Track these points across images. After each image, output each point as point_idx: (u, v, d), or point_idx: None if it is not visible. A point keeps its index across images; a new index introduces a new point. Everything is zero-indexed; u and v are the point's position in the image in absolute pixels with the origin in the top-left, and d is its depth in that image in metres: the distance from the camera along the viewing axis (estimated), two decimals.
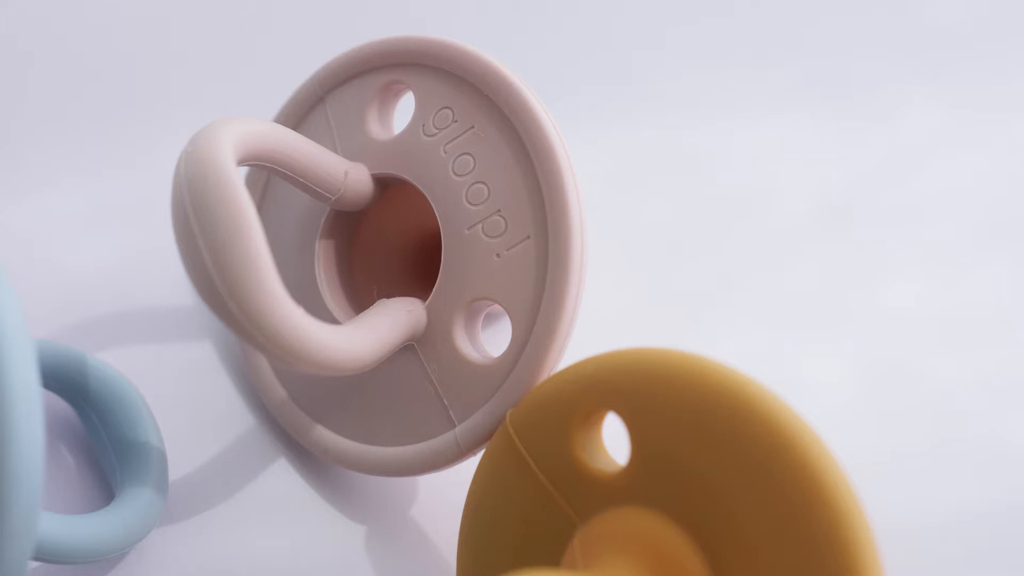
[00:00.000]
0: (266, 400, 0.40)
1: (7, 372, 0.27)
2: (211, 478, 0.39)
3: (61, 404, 0.39)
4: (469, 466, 0.36)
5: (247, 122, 0.33)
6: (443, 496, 0.39)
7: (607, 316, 0.43)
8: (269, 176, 0.40)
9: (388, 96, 0.39)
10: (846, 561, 0.27)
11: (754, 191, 0.49)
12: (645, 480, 0.30)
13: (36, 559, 0.32)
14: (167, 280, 0.43)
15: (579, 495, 0.31)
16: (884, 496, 0.42)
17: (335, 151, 0.38)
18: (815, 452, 0.28)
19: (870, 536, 0.27)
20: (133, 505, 0.35)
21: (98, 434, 0.38)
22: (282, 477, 0.39)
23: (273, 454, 0.40)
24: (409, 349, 0.36)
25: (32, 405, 0.27)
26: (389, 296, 0.37)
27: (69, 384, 0.38)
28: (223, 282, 0.30)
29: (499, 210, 0.35)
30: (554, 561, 0.32)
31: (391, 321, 0.35)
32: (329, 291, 0.39)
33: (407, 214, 0.39)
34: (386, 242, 0.40)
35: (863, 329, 0.46)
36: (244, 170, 0.39)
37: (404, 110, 0.39)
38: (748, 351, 0.44)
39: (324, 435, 0.38)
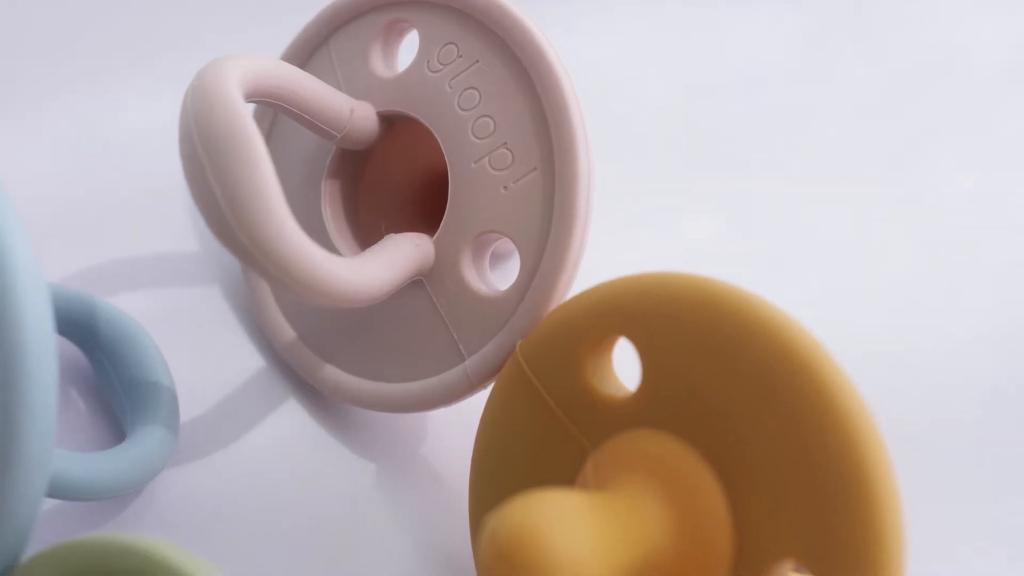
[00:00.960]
0: (274, 341, 0.40)
1: (20, 301, 0.27)
2: (221, 419, 0.39)
3: (70, 348, 0.39)
4: (479, 401, 0.36)
5: (253, 58, 0.33)
6: (453, 432, 0.39)
7: (615, 246, 0.42)
8: (275, 117, 0.40)
9: (392, 35, 0.39)
10: (859, 478, 0.27)
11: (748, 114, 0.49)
12: (656, 403, 0.30)
13: (50, 496, 0.32)
14: (172, 225, 0.43)
15: (591, 421, 0.32)
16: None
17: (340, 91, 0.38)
18: (827, 370, 0.28)
19: (884, 454, 0.27)
20: (145, 443, 0.35)
21: (108, 376, 0.38)
22: (292, 417, 0.40)
23: (282, 394, 0.40)
24: (417, 284, 0.36)
25: (44, 335, 0.27)
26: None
27: (78, 327, 0.38)
28: (232, 213, 0.30)
29: (505, 143, 0.35)
30: (567, 487, 0.32)
31: (399, 254, 0.35)
32: (336, 230, 0.39)
33: (413, 152, 0.39)
34: (392, 180, 0.40)
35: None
36: (250, 108, 0.39)
37: (408, 49, 0.39)
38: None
39: (333, 373, 0.38)
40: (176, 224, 0.43)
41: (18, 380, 0.27)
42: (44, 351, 0.27)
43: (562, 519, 0.26)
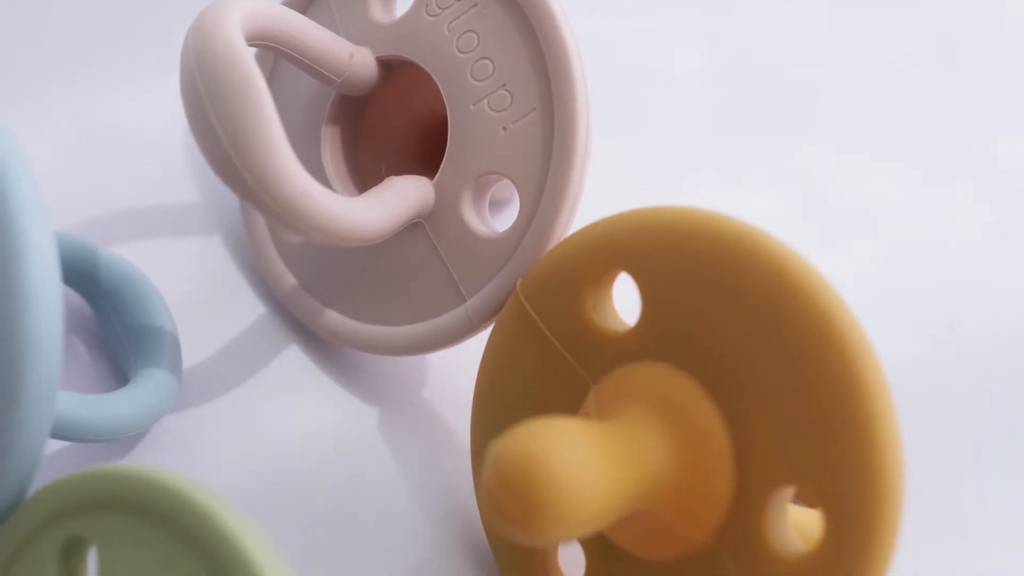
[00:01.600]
0: (275, 289, 0.40)
1: (23, 238, 0.27)
2: (223, 366, 0.40)
3: (73, 297, 0.39)
4: (479, 342, 0.36)
5: (253, 1, 0.33)
6: (453, 375, 0.40)
7: (614, 186, 0.43)
8: (274, 64, 0.40)
9: None
10: (858, 404, 0.27)
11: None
12: (656, 336, 0.31)
13: (55, 436, 0.33)
14: (171, 177, 0.44)
15: (592, 356, 0.32)
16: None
17: None
18: (826, 298, 0.28)
19: (883, 381, 0.27)
20: (149, 386, 0.36)
21: (111, 323, 0.38)
22: (293, 363, 0.40)
23: (284, 341, 0.40)
24: (417, 227, 0.37)
25: (48, 270, 0.28)
26: None
27: (81, 274, 0.38)
28: (235, 151, 0.30)
29: (504, 84, 0.35)
30: None
31: (400, 195, 0.35)
32: (336, 176, 0.39)
33: (411, 97, 0.40)
34: (391, 126, 0.40)
35: None
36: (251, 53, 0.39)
37: None
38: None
39: (334, 319, 0.39)
40: (174, 176, 0.44)
41: (23, 314, 0.27)
42: (49, 287, 0.27)
43: (565, 445, 0.27)
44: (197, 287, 0.41)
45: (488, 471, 0.26)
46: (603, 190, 0.39)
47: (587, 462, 0.27)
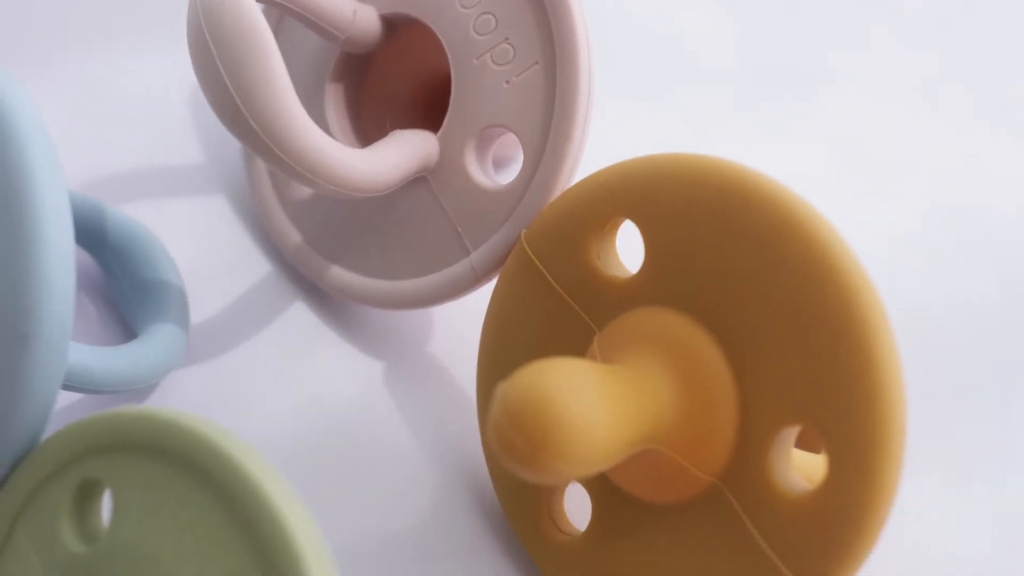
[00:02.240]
0: (281, 246, 0.41)
1: (36, 181, 0.28)
2: (230, 323, 0.40)
3: (80, 255, 0.39)
4: (483, 295, 0.37)
5: None
6: (459, 328, 0.40)
7: (616, 137, 0.43)
8: (279, 20, 0.41)
9: None
10: (860, 342, 0.28)
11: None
12: (660, 281, 0.31)
13: (66, 387, 0.33)
14: (175, 138, 0.44)
15: (596, 303, 0.32)
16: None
17: None
18: (828, 239, 0.28)
19: (884, 318, 0.28)
20: (158, 339, 0.36)
21: (118, 280, 0.38)
22: (300, 319, 0.40)
23: (290, 297, 0.41)
24: (421, 182, 0.37)
25: (61, 218, 0.28)
26: None
27: (88, 231, 0.38)
28: (244, 103, 0.30)
29: (507, 38, 0.36)
30: None
31: (406, 147, 0.35)
32: (340, 133, 0.39)
33: (415, 54, 0.40)
34: (394, 84, 0.41)
35: None
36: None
37: None
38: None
39: (340, 274, 0.39)
40: (179, 138, 0.44)
41: (36, 259, 0.27)
42: (62, 234, 0.28)
43: (573, 382, 0.27)
44: (202, 247, 0.41)
45: (496, 409, 0.27)
46: (606, 143, 0.39)
47: (595, 400, 0.27)
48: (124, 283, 0.38)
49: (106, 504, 0.28)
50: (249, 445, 0.26)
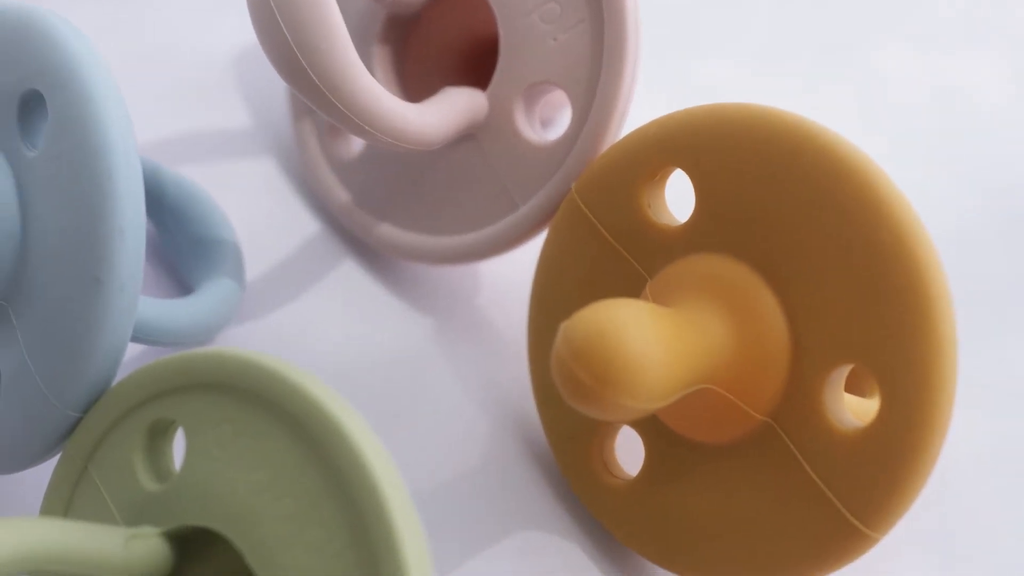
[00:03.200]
0: (329, 204, 0.41)
1: (109, 134, 0.29)
2: (279, 281, 0.41)
3: None
4: (528, 251, 0.37)
5: None
6: (505, 283, 0.41)
7: (661, 91, 0.44)
8: None
9: None
10: (912, 280, 0.28)
11: None
12: (711, 228, 0.32)
13: (131, 338, 0.34)
14: (222, 98, 0.45)
15: (647, 251, 0.33)
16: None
17: None
18: (878, 180, 0.29)
19: (935, 256, 0.29)
20: (216, 293, 0.37)
21: (173, 237, 0.39)
22: (348, 276, 0.41)
23: (338, 255, 0.41)
24: (469, 138, 0.38)
25: (132, 167, 0.29)
26: None
27: (145, 190, 0.39)
28: (304, 56, 0.31)
29: None
30: None
31: (457, 103, 0.36)
32: None
33: (460, 16, 0.41)
34: (440, 45, 0.41)
35: None
36: None
37: None
38: None
39: (389, 231, 0.40)
40: (224, 98, 0.45)
41: (109, 204, 0.28)
42: (133, 180, 0.29)
43: (634, 320, 0.28)
44: (250, 207, 0.42)
45: (560, 346, 0.28)
46: (652, 97, 0.40)
47: (655, 337, 0.28)
48: (180, 240, 0.39)
49: (178, 445, 0.29)
50: (316, 376, 0.26)
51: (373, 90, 0.32)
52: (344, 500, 0.25)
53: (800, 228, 0.30)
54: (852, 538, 0.29)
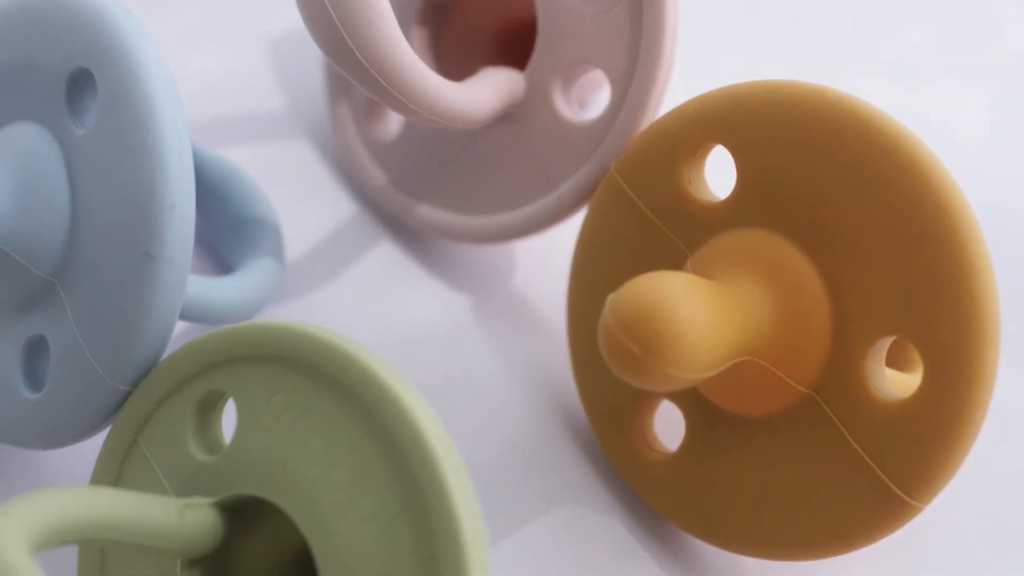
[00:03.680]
0: (365, 186, 0.42)
1: (160, 112, 0.29)
2: (317, 261, 0.41)
3: None
4: (564, 230, 0.38)
5: None
6: (539, 265, 0.41)
7: (698, 70, 0.44)
8: None
9: None
10: (955, 253, 0.29)
11: None
12: (751, 203, 0.32)
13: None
14: (258, 81, 0.45)
15: (688, 227, 0.33)
16: None
17: None
18: (918, 152, 0.29)
19: (977, 230, 0.29)
20: (257, 272, 0.37)
21: (215, 217, 0.39)
22: (385, 256, 0.41)
23: (375, 236, 0.42)
24: (507, 118, 0.38)
25: (182, 143, 0.29)
26: None
27: None
28: (349, 34, 0.31)
29: None
30: None
31: (496, 83, 0.37)
32: None
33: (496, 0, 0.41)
34: (476, 28, 0.42)
35: None
36: None
37: None
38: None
39: (426, 211, 0.40)
40: (261, 82, 0.45)
41: (160, 180, 0.29)
42: (183, 157, 0.29)
43: (681, 292, 0.28)
44: (286, 189, 0.42)
45: (607, 317, 0.28)
46: (690, 76, 0.40)
47: (702, 308, 0.28)
48: (220, 220, 0.39)
49: (226, 420, 0.29)
50: (365, 347, 0.27)
51: (417, 68, 0.32)
52: (398, 468, 0.25)
53: (842, 201, 0.30)
54: (895, 508, 0.30)
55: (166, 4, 0.47)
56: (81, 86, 0.31)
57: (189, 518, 0.27)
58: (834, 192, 0.30)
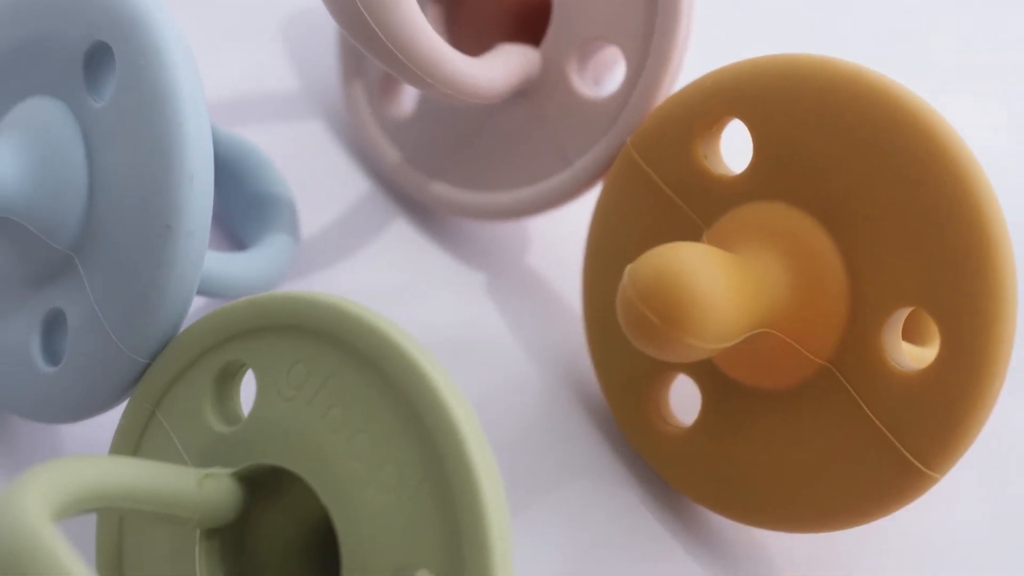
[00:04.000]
0: (380, 164, 0.42)
1: (179, 84, 0.29)
2: (331, 239, 0.41)
3: None
4: (578, 208, 0.38)
5: None
6: (556, 239, 0.41)
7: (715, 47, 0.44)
8: None
9: None
10: (974, 223, 0.29)
11: None
12: (768, 176, 0.32)
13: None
14: (271, 58, 0.45)
15: (704, 201, 0.33)
16: None
17: None
18: (940, 128, 0.30)
19: (995, 200, 0.29)
20: (272, 248, 0.38)
21: (230, 194, 0.39)
22: (400, 234, 0.41)
23: (389, 214, 0.42)
24: (522, 95, 0.38)
25: (201, 116, 0.29)
26: None
27: None
28: (367, 9, 0.31)
29: None
30: None
31: (512, 58, 0.37)
32: None
33: None
34: (492, 5, 0.42)
35: None
36: None
37: None
38: None
39: (441, 188, 0.40)
40: (274, 61, 0.45)
41: (179, 151, 0.29)
42: (201, 128, 0.29)
43: (700, 262, 0.28)
44: (300, 168, 0.42)
45: (626, 287, 0.28)
46: (704, 52, 0.40)
47: (719, 278, 0.28)
48: (235, 197, 0.39)
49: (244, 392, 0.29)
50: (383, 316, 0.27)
51: (434, 41, 0.32)
52: (420, 437, 0.25)
53: (859, 173, 0.30)
54: (913, 478, 0.30)
55: None
56: (99, 60, 0.31)
57: (208, 488, 0.28)
58: (852, 164, 0.30)
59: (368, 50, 0.32)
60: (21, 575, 0.21)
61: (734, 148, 0.34)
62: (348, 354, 0.27)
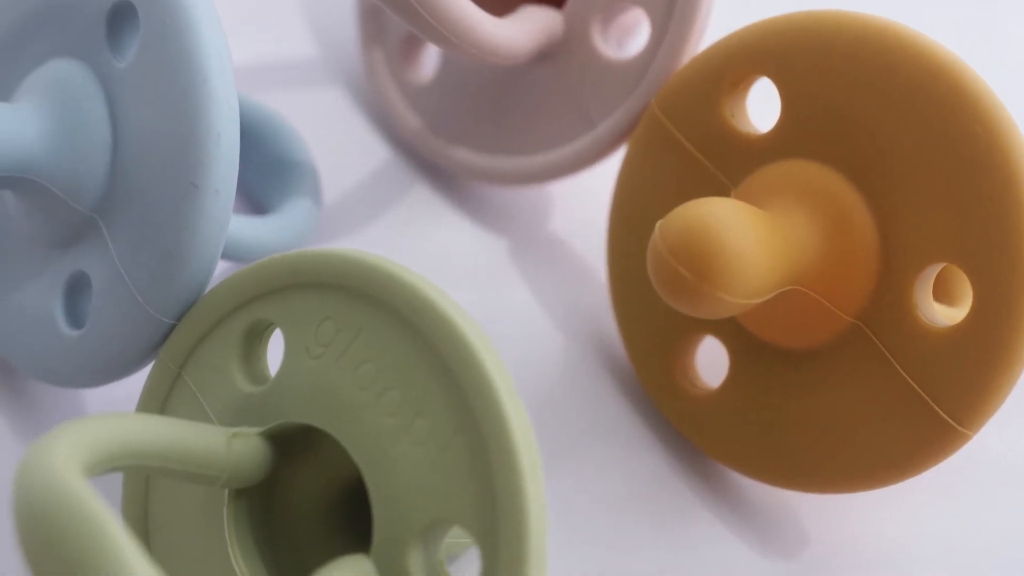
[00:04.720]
0: (402, 131, 0.42)
1: (205, 43, 0.29)
2: (353, 206, 0.41)
3: None
4: (599, 173, 0.38)
5: None
6: (574, 207, 0.41)
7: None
8: None
9: None
10: (1008, 178, 0.29)
11: None
12: (797, 134, 0.32)
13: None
14: (290, 25, 0.45)
15: (731, 160, 0.33)
16: None
17: None
18: (968, 79, 0.29)
19: None
20: (295, 212, 0.37)
21: (252, 160, 0.39)
22: (421, 200, 0.41)
23: (410, 180, 0.42)
24: (545, 57, 0.38)
25: (226, 75, 0.29)
26: None
27: None
28: None
29: None
30: None
31: (536, 20, 0.36)
32: None
33: None
34: None
35: None
36: None
37: None
38: None
39: (463, 154, 0.40)
40: (293, 27, 0.45)
41: (205, 110, 0.29)
42: (228, 90, 0.29)
43: (732, 217, 0.28)
44: (320, 135, 0.42)
45: (657, 242, 0.28)
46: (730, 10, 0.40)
47: (749, 233, 0.28)
48: (257, 162, 0.39)
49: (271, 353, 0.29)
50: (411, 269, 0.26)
51: (463, 4, 0.32)
52: (452, 390, 0.25)
53: (890, 129, 0.30)
54: (945, 436, 0.29)
55: None
56: (121, 20, 0.31)
57: (237, 447, 0.27)
58: (882, 120, 0.30)
59: (392, 8, 0.32)
60: (55, 527, 0.21)
61: (759, 108, 0.33)
62: (377, 309, 0.27)
